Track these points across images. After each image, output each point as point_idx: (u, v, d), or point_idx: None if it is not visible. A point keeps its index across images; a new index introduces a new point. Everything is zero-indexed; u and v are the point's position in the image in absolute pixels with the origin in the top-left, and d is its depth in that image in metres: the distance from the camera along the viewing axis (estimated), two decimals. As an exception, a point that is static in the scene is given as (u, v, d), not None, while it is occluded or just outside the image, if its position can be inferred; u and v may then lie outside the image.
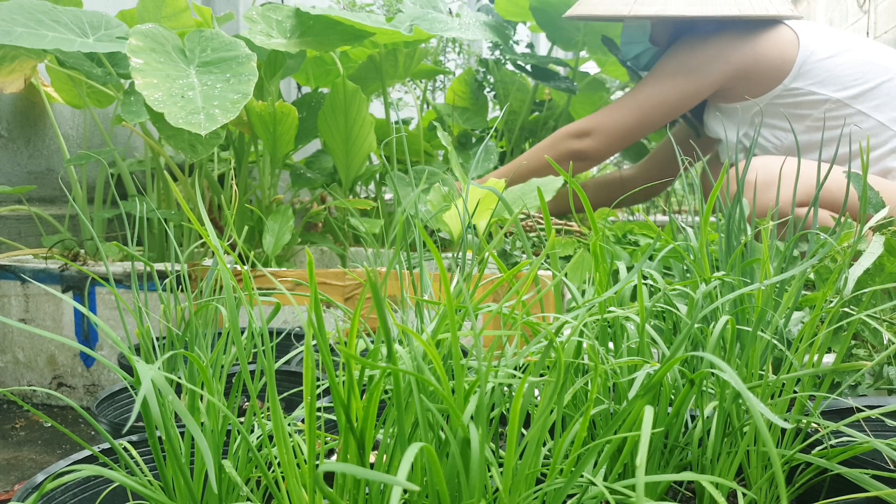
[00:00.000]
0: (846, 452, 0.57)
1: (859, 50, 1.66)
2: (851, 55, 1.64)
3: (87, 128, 1.70)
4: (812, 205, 0.71)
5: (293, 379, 0.90)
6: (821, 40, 1.65)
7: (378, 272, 1.07)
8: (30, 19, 1.21)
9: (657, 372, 0.46)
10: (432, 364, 0.44)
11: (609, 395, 0.59)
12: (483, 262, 0.64)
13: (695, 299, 0.56)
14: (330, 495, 0.38)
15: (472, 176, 0.82)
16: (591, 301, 0.56)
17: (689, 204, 0.77)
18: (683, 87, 1.68)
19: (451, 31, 1.61)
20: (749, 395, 0.35)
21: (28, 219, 1.56)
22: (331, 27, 1.47)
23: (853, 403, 0.69)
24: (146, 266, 0.66)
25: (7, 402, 1.25)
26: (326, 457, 0.67)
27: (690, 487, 0.63)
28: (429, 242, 0.47)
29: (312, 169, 1.73)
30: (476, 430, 0.42)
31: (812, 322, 0.60)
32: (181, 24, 1.46)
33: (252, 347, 0.57)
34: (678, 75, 1.68)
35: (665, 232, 1.02)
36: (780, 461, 0.51)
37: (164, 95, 1.10)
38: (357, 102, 1.45)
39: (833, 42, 1.66)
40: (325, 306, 1.15)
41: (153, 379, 0.41)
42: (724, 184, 1.03)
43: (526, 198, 1.39)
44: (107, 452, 0.65)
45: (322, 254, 1.70)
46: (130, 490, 0.52)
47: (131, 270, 0.64)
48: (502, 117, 2.12)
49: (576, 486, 0.49)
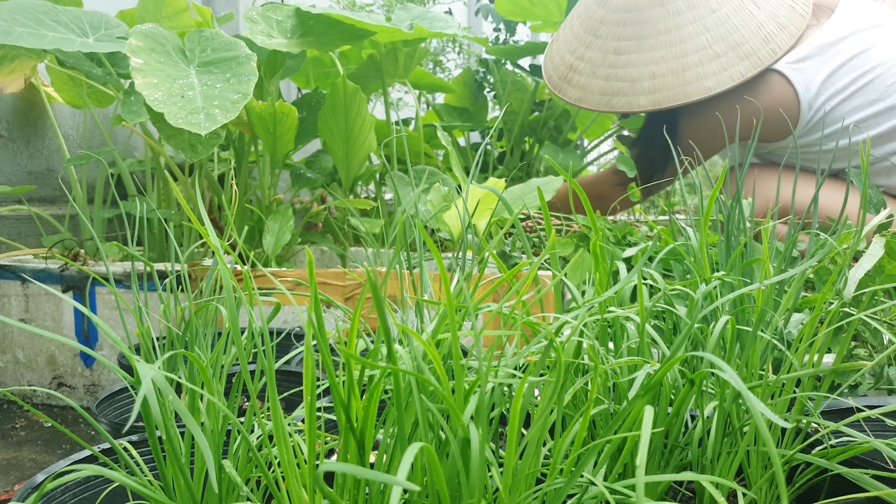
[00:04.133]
0: (846, 452, 0.57)
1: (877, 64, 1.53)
2: (867, 77, 1.52)
3: (87, 128, 1.70)
4: (812, 203, 0.71)
5: (293, 379, 0.90)
6: (822, 74, 1.53)
7: (378, 272, 1.07)
8: (30, 19, 1.21)
9: (657, 372, 0.46)
10: (432, 364, 0.44)
11: (609, 395, 0.59)
12: (483, 262, 0.64)
13: (695, 299, 0.56)
14: (330, 495, 0.38)
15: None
16: (591, 301, 0.56)
17: (687, 204, 0.77)
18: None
19: (451, 28, 1.61)
20: (749, 394, 0.35)
21: (28, 219, 1.56)
22: (331, 26, 1.47)
23: (853, 403, 0.69)
24: (146, 266, 0.66)
25: (7, 402, 1.25)
26: (326, 457, 0.67)
27: (690, 487, 0.63)
28: (429, 242, 0.47)
29: (312, 169, 1.73)
30: (476, 430, 0.42)
31: (812, 322, 0.60)
32: (181, 24, 1.46)
33: (252, 347, 0.57)
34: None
35: (664, 232, 1.01)
36: (780, 461, 0.51)
37: (164, 95, 1.11)
38: (357, 102, 1.45)
39: (841, 73, 1.53)
40: (325, 306, 1.15)
41: (153, 379, 0.41)
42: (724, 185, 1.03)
43: (526, 198, 1.39)
44: (107, 452, 0.65)
45: (322, 254, 1.70)
46: (130, 490, 0.52)
47: (131, 270, 0.64)
48: (501, 117, 2.12)
49: (576, 486, 0.49)
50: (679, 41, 1.56)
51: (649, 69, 1.57)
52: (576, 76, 1.67)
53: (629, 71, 1.59)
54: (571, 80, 1.68)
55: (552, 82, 1.73)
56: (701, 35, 1.55)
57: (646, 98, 1.57)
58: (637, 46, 1.59)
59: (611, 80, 1.61)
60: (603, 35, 1.64)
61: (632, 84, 1.58)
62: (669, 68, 1.56)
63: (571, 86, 1.67)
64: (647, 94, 1.57)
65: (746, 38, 1.54)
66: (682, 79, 1.54)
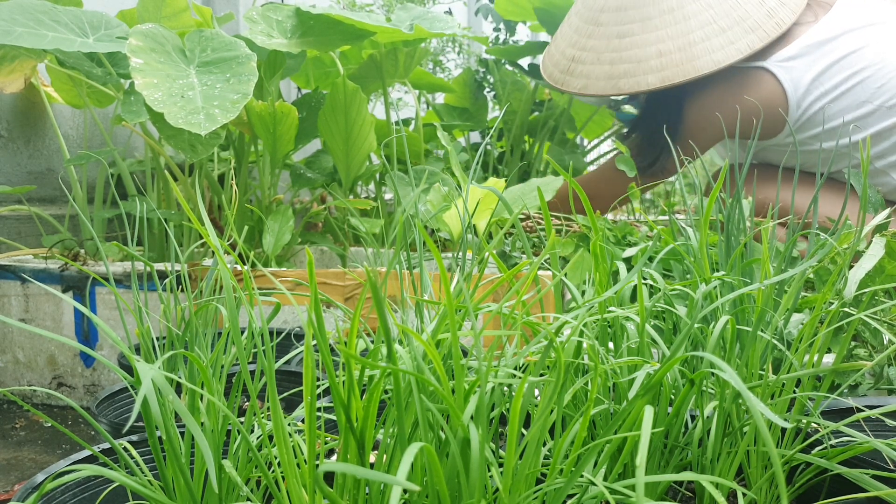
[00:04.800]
0: (846, 452, 0.57)
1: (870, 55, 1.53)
2: (861, 76, 1.52)
3: (87, 128, 1.70)
4: (812, 204, 0.71)
5: (293, 379, 0.90)
6: (811, 74, 1.53)
7: (378, 272, 1.07)
8: (30, 19, 1.21)
9: (657, 372, 0.46)
10: (432, 364, 0.44)
11: (609, 395, 0.59)
12: (483, 262, 0.64)
13: (695, 299, 0.56)
14: (330, 495, 0.38)
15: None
16: (591, 301, 0.56)
17: (687, 204, 0.77)
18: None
19: (451, 28, 1.61)
20: (749, 394, 0.35)
21: (28, 219, 1.56)
22: (331, 26, 1.47)
23: (853, 403, 0.69)
24: (146, 266, 0.66)
25: (7, 402, 1.25)
26: (326, 457, 0.67)
27: (690, 487, 0.63)
28: (429, 242, 0.47)
29: (312, 169, 1.73)
30: (476, 430, 0.42)
31: (812, 322, 0.60)
32: (181, 24, 1.46)
33: (252, 347, 0.57)
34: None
35: (664, 232, 1.01)
36: (780, 461, 0.51)
37: (163, 95, 1.11)
38: (357, 102, 1.45)
39: (833, 71, 1.53)
40: (325, 306, 1.15)
41: (153, 379, 0.41)
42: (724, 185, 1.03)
43: (526, 198, 1.39)
44: (107, 452, 0.65)
45: (322, 254, 1.70)
46: (130, 490, 0.52)
47: (131, 270, 0.64)
48: (501, 117, 2.11)
49: (576, 486, 0.49)
50: (683, 19, 1.57)
51: (656, 48, 1.58)
52: (578, 66, 1.67)
53: (635, 52, 1.59)
54: (574, 70, 1.68)
55: (553, 78, 1.73)
56: (704, 12, 1.57)
57: (654, 76, 1.57)
58: (641, 28, 1.60)
59: (616, 63, 1.61)
60: (605, 22, 1.64)
61: (638, 64, 1.58)
62: (676, 45, 1.56)
63: (574, 76, 1.67)
64: (655, 72, 1.57)
65: (750, 12, 1.56)
66: (689, 54, 1.55)
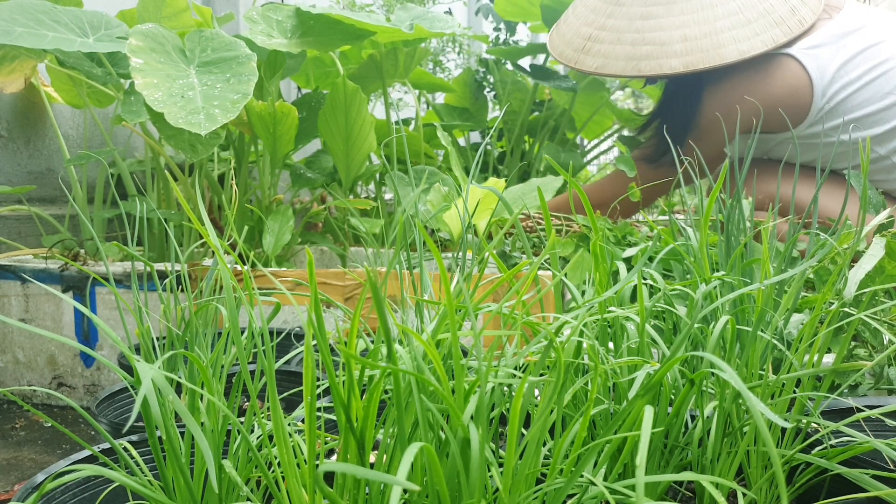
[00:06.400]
0: (846, 452, 0.57)
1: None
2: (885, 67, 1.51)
3: (87, 128, 1.70)
4: (812, 203, 0.71)
5: (293, 379, 0.90)
6: (837, 62, 1.53)
7: (378, 272, 1.07)
8: (30, 19, 1.21)
9: (657, 372, 0.46)
10: (432, 364, 0.44)
11: (609, 395, 0.59)
12: (483, 262, 0.64)
13: (695, 299, 0.56)
14: (330, 495, 0.38)
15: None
16: (591, 301, 0.56)
17: (687, 205, 0.77)
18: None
19: (451, 28, 1.61)
20: (749, 394, 0.35)
21: (28, 219, 1.56)
22: (332, 26, 1.47)
23: (853, 403, 0.69)
24: (146, 266, 0.66)
25: (7, 402, 1.25)
26: (326, 457, 0.67)
27: (690, 487, 0.63)
28: (429, 242, 0.47)
29: (312, 169, 1.73)
30: (476, 430, 0.42)
31: (812, 322, 0.60)
32: (181, 24, 1.46)
33: (252, 347, 0.57)
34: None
35: (664, 232, 1.02)
36: (780, 461, 0.51)
37: (164, 95, 1.11)
38: (357, 102, 1.45)
39: (861, 58, 1.52)
40: (325, 306, 1.15)
41: (153, 379, 0.41)
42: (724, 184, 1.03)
43: (526, 198, 1.39)
44: (107, 452, 0.65)
45: (322, 254, 1.70)
46: (130, 490, 0.52)
47: (131, 270, 0.64)
48: (501, 117, 2.11)
49: (576, 486, 0.49)
50: (710, 5, 1.56)
51: (681, 31, 1.57)
52: (595, 45, 1.65)
53: (659, 35, 1.58)
54: (590, 49, 1.66)
55: (565, 56, 1.70)
56: (730, 1, 1.56)
57: (678, 60, 1.56)
58: (666, 11, 1.59)
59: (638, 44, 1.60)
60: (627, 3, 1.63)
61: (661, 47, 1.57)
62: (702, 31, 1.56)
63: (591, 55, 1.65)
64: (679, 57, 1.56)
65: (774, 6, 1.56)
66: (715, 41, 1.54)
